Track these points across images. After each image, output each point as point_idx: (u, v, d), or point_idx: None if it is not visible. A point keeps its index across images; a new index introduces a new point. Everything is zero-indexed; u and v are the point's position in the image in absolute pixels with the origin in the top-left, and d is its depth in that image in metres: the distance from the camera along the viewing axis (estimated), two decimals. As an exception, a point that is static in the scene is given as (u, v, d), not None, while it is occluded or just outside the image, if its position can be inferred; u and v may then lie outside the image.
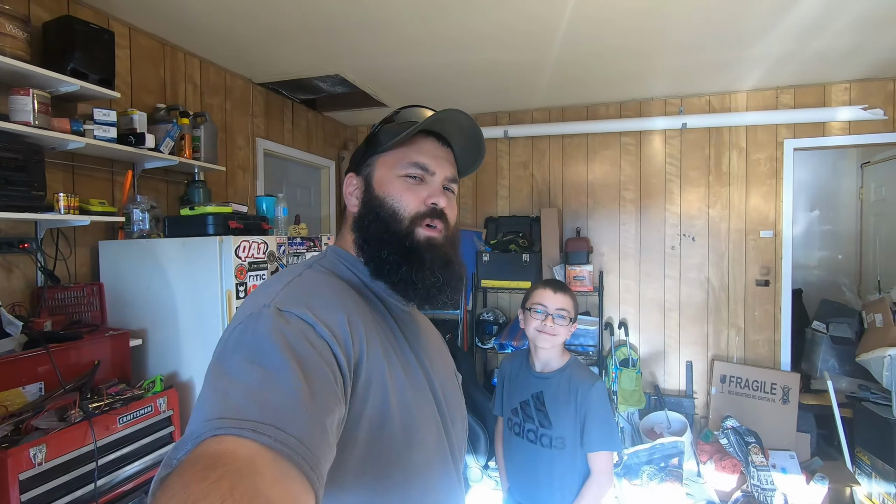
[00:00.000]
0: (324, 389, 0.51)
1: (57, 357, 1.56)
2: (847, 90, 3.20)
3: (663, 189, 3.60)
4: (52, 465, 1.32)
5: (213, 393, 0.47)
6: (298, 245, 2.20)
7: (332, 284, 0.68)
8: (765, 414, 3.20)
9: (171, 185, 2.48)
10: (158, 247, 1.93)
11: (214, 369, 0.51)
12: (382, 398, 0.62)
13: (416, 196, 0.73)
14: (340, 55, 2.69)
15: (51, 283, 1.88)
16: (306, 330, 0.55)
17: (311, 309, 0.58)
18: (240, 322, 0.57)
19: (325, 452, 0.46)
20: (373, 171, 0.75)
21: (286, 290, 0.62)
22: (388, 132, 0.75)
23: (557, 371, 1.44)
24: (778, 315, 3.39)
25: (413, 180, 0.73)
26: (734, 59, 2.81)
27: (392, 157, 0.74)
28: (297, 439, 0.43)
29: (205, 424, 0.43)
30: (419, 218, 0.72)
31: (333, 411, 0.51)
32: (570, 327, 1.42)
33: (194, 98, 2.63)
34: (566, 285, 1.49)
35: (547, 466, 1.39)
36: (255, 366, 0.49)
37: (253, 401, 0.45)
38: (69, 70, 1.76)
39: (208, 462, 0.38)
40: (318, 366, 0.52)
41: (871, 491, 2.81)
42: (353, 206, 0.77)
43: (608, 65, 2.87)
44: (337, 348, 0.56)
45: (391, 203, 0.72)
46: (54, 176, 1.90)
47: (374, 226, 0.72)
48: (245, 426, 0.42)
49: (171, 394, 1.75)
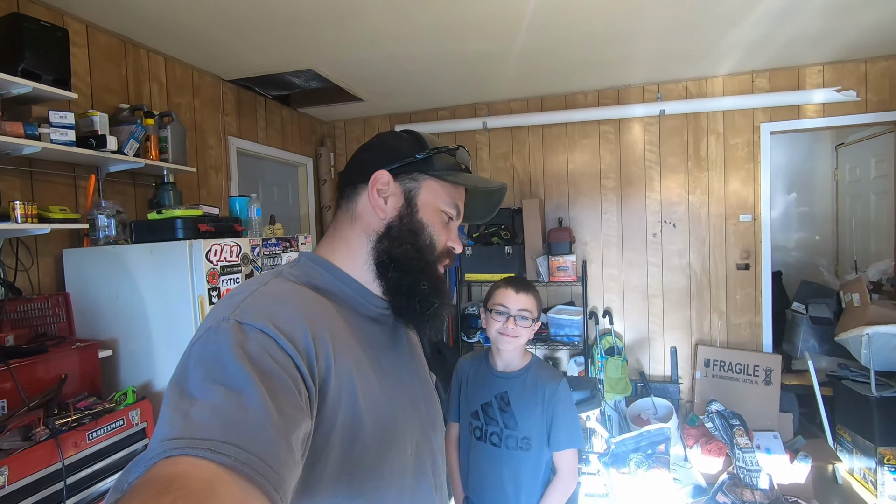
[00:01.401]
0: (289, 404, 0.48)
1: (20, 373, 1.49)
2: (820, 72, 3.23)
3: (643, 176, 3.60)
4: (15, 487, 1.26)
5: (173, 413, 0.44)
6: (274, 246, 2.14)
7: (298, 294, 0.64)
8: (748, 396, 3.24)
9: (140, 188, 2.39)
10: (126, 253, 1.86)
11: (174, 388, 0.48)
12: (353, 411, 0.60)
13: (445, 235, 0.75)
14: (312, 49, 2.61)
15: (11, 295, 1.79)
16: (267, 343, 0.53)
17: (272, 321, 0.55)
18: (199, 337, 0.54)
19: (289, 470, 0.44)
20: (418, 190, 0.72)
21: (248, 301, 0.58)
22: (443, 161, 0.74)
23: (521, 370, 1.40)
24: (759, 298, 3.43)
25: (447, 218, 0.75)
26: (710, 45, 2.80)
27: (443, 189, 0.74)
28: (259, 458, 0.41)
29: (160, 445, 0.40)
30: (443, 255, 0.75)
31: (300, 426, 0.49)
32: (532, 327, 1.38)
33: (160, 97, 2.54)
34: (529, 284, 1.43)
35: (512, 469, 1.35)
36: (216, 384, 0.47)
37: (214, 419, 0.43)
38: (20, 71, 1.68)
39: (160, 486, 0.35)
40: (282, 380, 0.50)
41: (852, 466, 2.86)
42: (382, 212, 0.71)
43: (583, 52, 2.84)
44: (300, 361, 0.54)
45: (430, 233, 0.72)
46: (10, 183, 1.82)
47: (407, 248, 0.71)
48: (203, 446, 0.40)
49: (144, 405, 1.68)
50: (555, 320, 3.43)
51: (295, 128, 3.74)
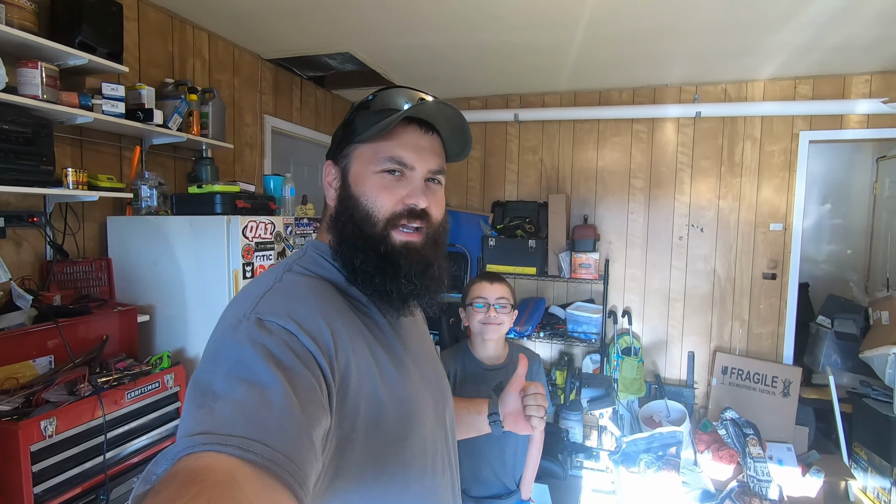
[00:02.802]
0: (311, 401, 0.49)
1: (66, 331, 1.58)
2: (868, 82, 3.13)
3: (674, 178, 3.55)
4: (62, 437, 1.35)
5: (197, 409, 0.45)
6: (305, 226, 2.20)
7: (312, 288, 0.65)
8: (764, 406, 3.21)
9: (179, 161, 2.47)
10: (166, 224, 1.93)
11: (197, 385, 0.49)
12: (374, 397, 0.62)
13: (393, 195, 0.67)
14: (351, 32, 2.64)
15: (59, 257, 1.89)
16: (290, 340, 0.54)
17: (292, 317, 0.56)
18: (221, 335, 0.56)
19: (312, 466, 0.46)
20: (349, 163, 0.70)
21: (266, 297, 0.59)
22: (365, 119, 0.68)
23: (508, 358, 1.52)
24: (783, 309, 3.38)
25: (391, 176, 0.67)
26: (754, 46, 2.73)
27: (369, 149, 0.68)
28: (284, 455, 0.42)
29: (186, 440, 0.41)
30: (395, 219, 0.67)
31: (321, 422, 0.50)
32: (511, 314, 1.48)
33: (202, 74, 2.60)
34: (500, 275, 1.53)
35: (499, 450, 1.48)
36: (240, 380, 0.47)
37: (239, 416, 0.44)
38: (77, 43, 1.74)
39: (185, 479, 0.37)
40: (304, 377, 0.51)
41: (865, 485, 2.83)
42: (332, 199, 0.72)
43: (625, 48, 2.80)
44: (321, 358, 0.55)
45: (365, 203, 0.67)
46: (62, 150, 1.90)
47: (347, 228, 0.68)
48: (230, 442, 0.41)
49: (178, 370, 1.77)
50: (573, 317, 3.44)
51: (328, 109, 3.78)
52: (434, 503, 0.71)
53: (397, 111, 0.65)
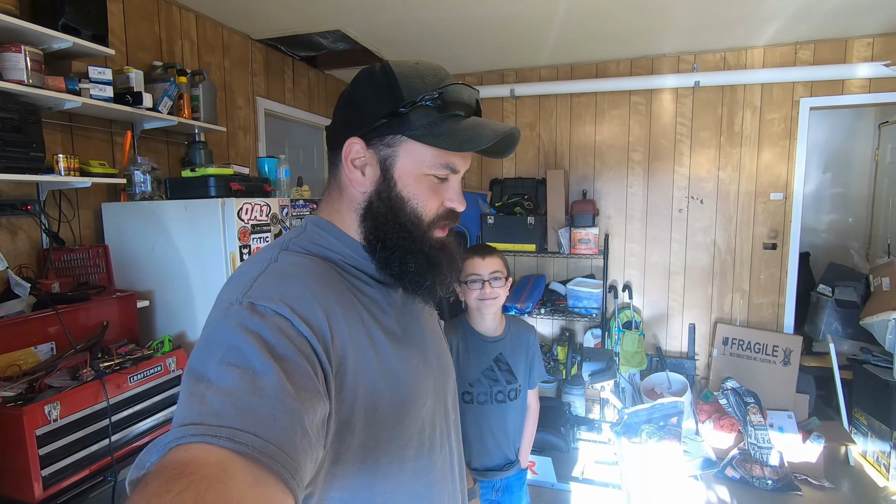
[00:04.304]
0: (305, 388, 0.48)
1: (66, 318, 1.58)
2: (870, 45, 3.06)
3: (673, 150, 3.52)
4: (66, 421, 1.36)
5: (190, 397, 0.45)
6: (301, 207, 2.18)
7: (308, 269, 0.63)
8: (765, 375, 3.24)
9: (172, 146, 2.44)
10: (161, 209, 1.92)
11: (191, 372, 0.48)
12: (372, 380, 0.61)
13: (438, 198, 0.66)
14: (341, 9, 2.58)
15: (56, 245, 1.88)
16: (283, 325, 0.52)
17: (286, 302, 0.54)
18: (213, 320, 0.55)
19: (306, 455, 0.45)
20: (395, 157, 0.64)
21: (259, 280, 0.57)
22: (427, 116, 0.62)
23: (506, 330, 1.54)
24: (784, 278, 3.38)
25: (437, 180, 0.66)
26: (751, 12, 2.67)
27: (428, 152, 0.64)
28: (276, 446, 0.42)
29: (178, 430, 0.40)
30: (437, 221, 0.67)
31: (316, 409, 0.49)
32: (507, 286, 1.48)
33: (191, 56, 2.55)
34: (491, 248, 1.52)
35: (501, 419, 1.51)
36: (233, 368, 0.46)
37: (229, 405, 0.43)
38: (61, 25, 1.70)
39: (173, 472, 0.36)
40: (298, 363, 0.50)
41: (865, 449, 2.87)
42: (361, 186, 0.66)
43: (619, 18, 2.74)
44: (316, 343, 0.54)
45: (416, 206, 0.65)
46: (52, 137, 1.87)
47: (392, 229, 0.65)
48: (221, 434, 0.40)
49: (179, 354, 1.78)
50: (574, 292, 3.45)
51: (321, 90, 3.73)
52: (433, 480, 0.71)
53: (462, 116, 0.64)
